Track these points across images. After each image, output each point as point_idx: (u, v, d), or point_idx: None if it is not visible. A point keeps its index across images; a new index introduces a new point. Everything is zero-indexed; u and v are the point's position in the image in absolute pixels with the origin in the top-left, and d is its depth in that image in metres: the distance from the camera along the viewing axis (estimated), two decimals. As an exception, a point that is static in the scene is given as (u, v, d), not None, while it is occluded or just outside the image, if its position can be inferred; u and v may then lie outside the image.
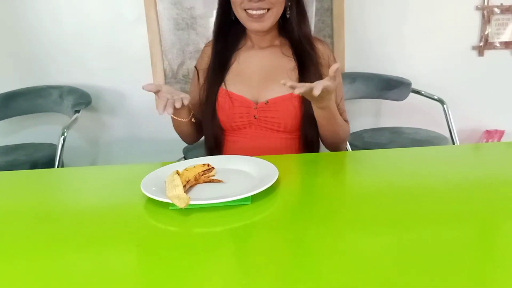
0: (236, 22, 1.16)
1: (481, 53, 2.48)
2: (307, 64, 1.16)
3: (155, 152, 2.46)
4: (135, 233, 0.71)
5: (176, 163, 0.98)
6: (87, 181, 1.03)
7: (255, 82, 1.18)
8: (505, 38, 2.45)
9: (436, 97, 2.32)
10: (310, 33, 1.20)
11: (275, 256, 0.62)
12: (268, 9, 1.10)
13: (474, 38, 2.46)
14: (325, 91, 0.92)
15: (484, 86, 2.52)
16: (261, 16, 1.10)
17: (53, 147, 2.15)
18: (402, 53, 2.47)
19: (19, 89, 2.33)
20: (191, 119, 1.13)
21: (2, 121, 2.33)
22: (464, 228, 0.68)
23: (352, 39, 2.43)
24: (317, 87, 0.88)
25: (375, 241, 0.65)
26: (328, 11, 2.38)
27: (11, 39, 2.35)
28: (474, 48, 2.47)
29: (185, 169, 0.86)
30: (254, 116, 1.16)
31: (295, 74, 1.17)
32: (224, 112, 1.17)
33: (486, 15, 2.41)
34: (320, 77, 1.14)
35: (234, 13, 1.14)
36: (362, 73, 2.40)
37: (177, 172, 0.83)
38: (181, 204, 0.72)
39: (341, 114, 1.17)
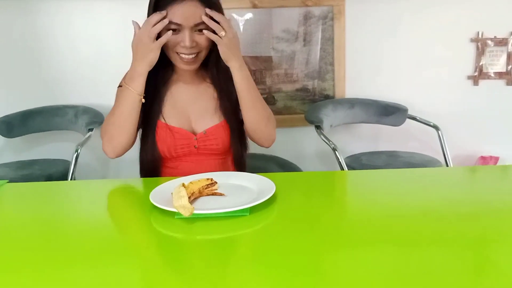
0: (164, 55, 1.20)
1: (475, 83, 2.56)
2: (225, 85, 1.25)
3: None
4: (143, 240, 0.76)
5: (182, 177, 1.05)
6: (98, 193, 1.07)
7: (190, 113, 1.25)
8: (498, 68, 2.54)
9: (431, 123, 2.39)
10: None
11: (270, 261, 0.65)
12: (198, 52, 1.17)
13: (469, 68, 2.54)
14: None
15: (479, 114, 2.59)
16: (192, 59, 1.17)
17: (67, 163, 2.23)
18: (400, 81, 2.55)
19: (36, 108, 2.43)
20: (142, 98, 1.17)
21: (19, 138, 2.43)
22: (458, 250, 0.67)
23: (352, 67, 2.52)
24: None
25: (367, 256, 0.66)
26: (329, 40, 2.49)
27: (33, 63, 2.46)
28: (469, 77, 2.55)
29: (191, 183, 0.94)
30: (195, 145, 1.24)
31: (215, 98, 1.27)
32: (165, 144, 1.22)
33: (480, 47, 2.51)
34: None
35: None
36: (361, 99, 2.48)
37: (183, 185, 0.92)
38: (185, 213, 0.80)
39: None
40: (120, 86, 1.26)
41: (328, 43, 2.49)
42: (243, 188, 0.99)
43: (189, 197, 0.87)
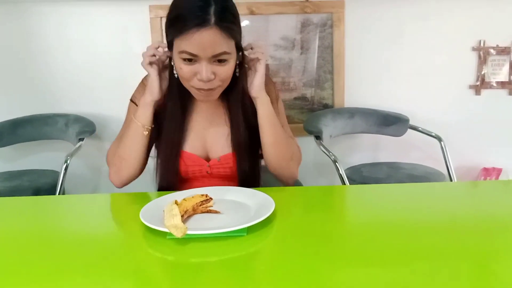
0: None
1: (478, 92, 2.52)
2: (237, 112, 1.15)
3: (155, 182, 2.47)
4: (132, 261, 0.72)
5: (175, 193, 1.00)
6: (87, 209, 1.03)
7: (205, 137, 1.17)
8: (501, 78, 2.51)
9: (433, 134, 2.35)
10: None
11: (270, 286, 0.62)
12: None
13: (471, 78, 2.51)
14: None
15: (481, 124, 2.56)
16: (210, 91, 1.04)
17: (56, 174, 2.18)
18: (400, 90, 2.52)
19: (26, 116, 2.38)
20: (150, 130, 1.11)
21: (8, 147, 2.37)
22: (460, 266, 0.67)
23: (352, 75, 2.49)
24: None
25: (370, 275, 0.65)
26: (328, 48, 2.45)
27: (23, 69, 2.42)
28: (471, 87, 2.52)
29: (184, 199, 0.89)
30: (207, 171, 1.17)
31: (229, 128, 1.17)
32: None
33: (482, 55, 2.47)
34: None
35: None
36: (361, 108, 2.44)
37: (176, 202, 0.86)
38: (178, 234, 0.74)
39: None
40: (132, 98, 1.22)
41: (327, 51, 2.46)
42: (240, 204, 0.94)
43: (182, 216, 0.82)
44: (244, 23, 2.41)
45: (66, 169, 2.00)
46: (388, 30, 2.46)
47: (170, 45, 1.04)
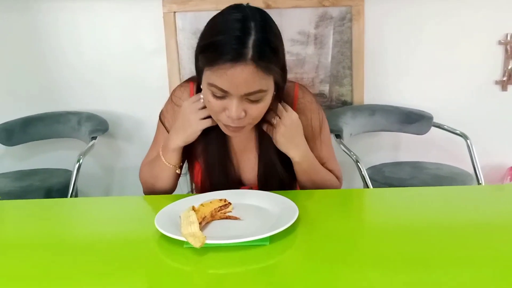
0: None
1: (504, 88, 2.42)
2: (267, 142, 1.06)
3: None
4: (147, 271, 0.68)
5: (191, 197, 0.94)
6: (100, 213, 1.00)
7: (237, 163, 1.10)
8: (529, 73, 2.40)
9: (458, 132, 2.26)
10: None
11: None
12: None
13: (497, 73, 2.42)
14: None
15: (507, 121, 2.46)
16: (238, 128, 0.95)
17: (68, 173, 2.15)
18: (423, 86, 2.43)
19: (38, 114, 2.36)
20: (180, 169, 1.06)
21: (19, 146, 2.35)
22: (486, 272, 0.65)
23: (372, 71, 2.41)
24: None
25: (396, 283, 0.62)
26: (347, 43, 2.37)
27: (35, 67, 2.39)
28: (497, 82, 2.43)
29: (201, 205, 0.83)
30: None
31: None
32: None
33: (510, 49, 2.37)
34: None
35: None
36: (382, 105, 2.36)
37: (193, 208, 0.79)
38: (196, 244, 0.68)
39: (323, 161, 1.11)
40: (160, 116, 1.13)
41: (346, 45, 2.38)
42: (260, 209, 0.88)
43: (200, 223, 0.76)
44: (259, 17, 2.34)
45: (78, 168, 1.97)
46: (409, 24, 2.37)
47: (199, 72, 0.94)
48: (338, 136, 2.09)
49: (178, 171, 1.06)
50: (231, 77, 0.84)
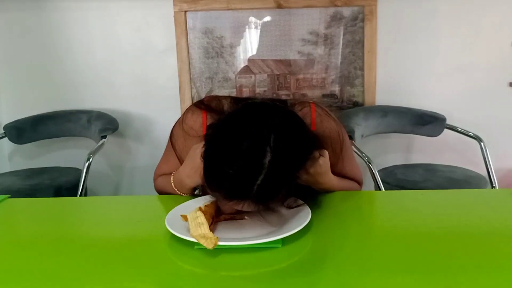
0: None
1: (519, 90, 2.38)
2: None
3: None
4: (158, 273, 0.67)
5: (195, 199, 0.93)
6: (110, 212, 1.00)
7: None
8: (545, 75, 2.35)
9: (471, 134, 2.21)
10: None
11: None
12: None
13: (511, 75, 2.37)
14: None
15: (522, 124, 2.41)
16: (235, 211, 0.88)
17: (78, 171, 2.13)
18: (436, 87, 2.40)
19: (48, 112, 2.35)
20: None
21: (29, 144, 2.35)
22: (503, 277, 0.64)
23: (384, 72, 2.38)
24: None
25: (409, 287, 0.62)
26: (359, 43, 2.34)
27: (45, 65, 2.39)
28: (511, 84, 2.38)
29: (206, 206, 0.81)
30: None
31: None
32: None
33: (525, 51, 2.33)
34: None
35: None
36: (394, 107, 2.33)
37: (200, 209, 0.77)
38: (208, 245, 0.67)
39: (345, 174, 1.07)
40: (171, 137, 1.08)
41: (358, 46, 2.35)
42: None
43: (209, 224, 0.73)
44: (268, 18, 2.32)
45: (88, 167, 1.96)
46: (422, 24, 2.34)
47: None
48: (350, 137, 2.05)
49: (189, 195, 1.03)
50: (233, 205, 0.78)
